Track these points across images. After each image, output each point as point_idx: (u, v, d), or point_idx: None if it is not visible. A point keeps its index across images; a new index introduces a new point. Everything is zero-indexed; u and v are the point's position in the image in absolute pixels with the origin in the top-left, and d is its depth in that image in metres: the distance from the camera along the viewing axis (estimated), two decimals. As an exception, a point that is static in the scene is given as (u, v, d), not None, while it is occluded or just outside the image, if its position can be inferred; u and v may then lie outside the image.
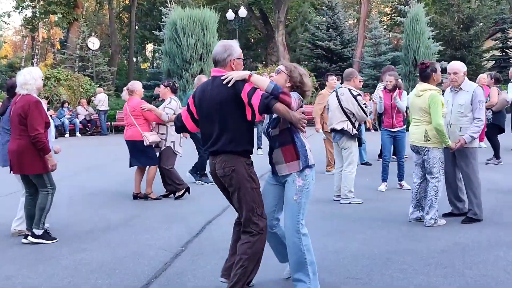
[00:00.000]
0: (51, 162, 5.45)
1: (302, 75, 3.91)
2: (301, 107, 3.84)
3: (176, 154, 7.70)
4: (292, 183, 3.82)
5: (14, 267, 4.82)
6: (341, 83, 8.25)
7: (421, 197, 5.98)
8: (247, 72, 3.71)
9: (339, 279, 4.31)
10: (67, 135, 19.38)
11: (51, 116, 18.01)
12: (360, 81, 7.60)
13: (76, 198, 7.77)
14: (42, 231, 5.52)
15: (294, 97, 3.72)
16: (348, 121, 7.01)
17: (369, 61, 24.66)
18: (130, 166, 7.74)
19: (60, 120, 19.16)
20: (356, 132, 7.06)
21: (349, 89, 7.10)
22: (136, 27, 38.34)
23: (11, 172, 5.61)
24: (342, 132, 7.03)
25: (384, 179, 8.00)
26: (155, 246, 5.27)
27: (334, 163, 8.11)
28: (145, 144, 7.42)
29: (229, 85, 3.64)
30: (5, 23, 37.36)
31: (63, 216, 6.74)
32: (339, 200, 7.19)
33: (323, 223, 6.08)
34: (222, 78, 3.69)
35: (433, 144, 5.75)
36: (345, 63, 26.83)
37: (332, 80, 9.32)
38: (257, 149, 11.37)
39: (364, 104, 7.06)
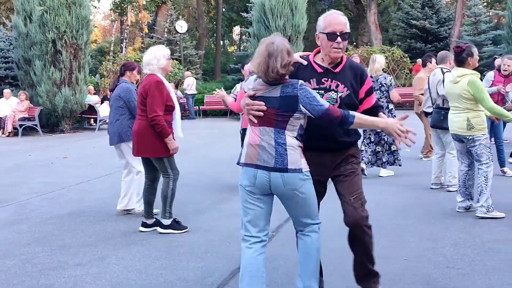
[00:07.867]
0: (172, 145, 5.17)
1: None
2: None
3: None
4: None
5: (109, 248, 4.93)
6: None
7: (469, 185, 5.71)
8: None
9: (439, 269, 4.09)
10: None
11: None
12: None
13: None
14: (170, 220, 5.27)
15: None
16: None
17: (468, 41, 23.27)
18: None
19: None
20: None
21: None
22: (223, 9, 38.46)
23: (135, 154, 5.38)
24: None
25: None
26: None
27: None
28: None
29: None
30: (95, 7, 37.46)
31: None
32: (438, 188, 6.91)
33: (418, 210, 5.89)
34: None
35: (477, 132, 5.41)
36: (441, 43, 25.49)
37: (434, 64, 8.77)
38: None
39: None
